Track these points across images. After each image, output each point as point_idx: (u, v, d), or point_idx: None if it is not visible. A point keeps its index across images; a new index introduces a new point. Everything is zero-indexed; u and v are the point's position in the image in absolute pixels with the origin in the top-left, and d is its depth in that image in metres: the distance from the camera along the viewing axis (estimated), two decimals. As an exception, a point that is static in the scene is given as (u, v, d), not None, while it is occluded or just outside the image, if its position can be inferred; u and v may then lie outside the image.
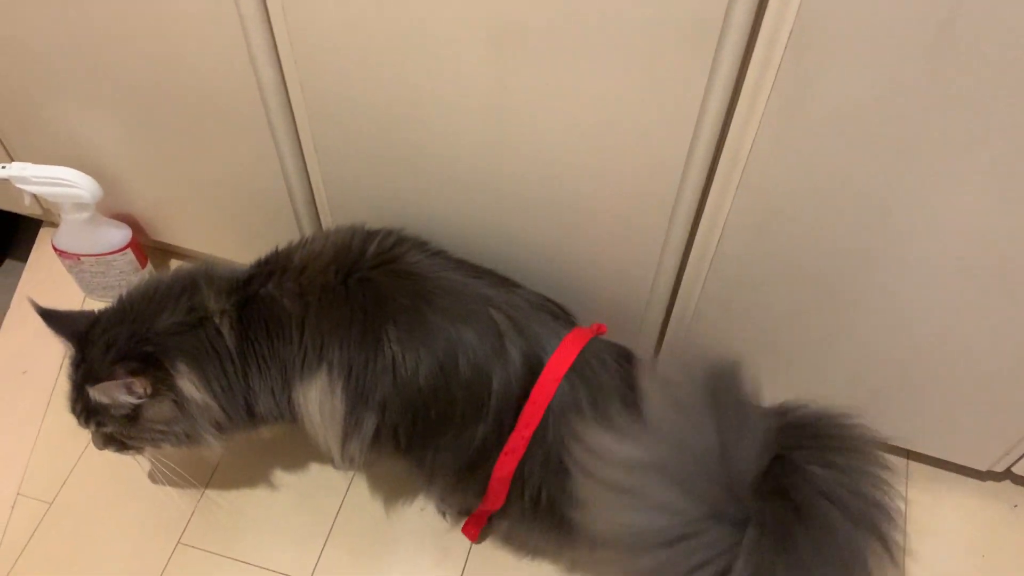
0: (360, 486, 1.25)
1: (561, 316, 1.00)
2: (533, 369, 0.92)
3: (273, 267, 0.98)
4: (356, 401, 0.94)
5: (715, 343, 1.15)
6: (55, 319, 0.98)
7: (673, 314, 1.16)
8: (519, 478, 0.95)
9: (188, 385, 0.94)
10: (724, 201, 0.94)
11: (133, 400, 0.93)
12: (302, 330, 0.93)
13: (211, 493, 1.25)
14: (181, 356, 0.93)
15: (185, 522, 1.22)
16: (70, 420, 1.26)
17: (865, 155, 0.83)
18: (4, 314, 1.43)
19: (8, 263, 1.57)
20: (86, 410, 0.97)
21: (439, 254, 1.01)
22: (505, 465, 0.94)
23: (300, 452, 1.26)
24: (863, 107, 0.79)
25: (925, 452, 1.21)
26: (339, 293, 0.93)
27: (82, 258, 1.33)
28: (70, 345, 0.97)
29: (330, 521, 1.22)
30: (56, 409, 1.32)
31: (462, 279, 0.96)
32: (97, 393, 0.92)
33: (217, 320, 0.95)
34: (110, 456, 1.23)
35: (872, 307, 1.00)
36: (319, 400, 0.96)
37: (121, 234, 1.32)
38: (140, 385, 0.92)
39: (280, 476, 1.26)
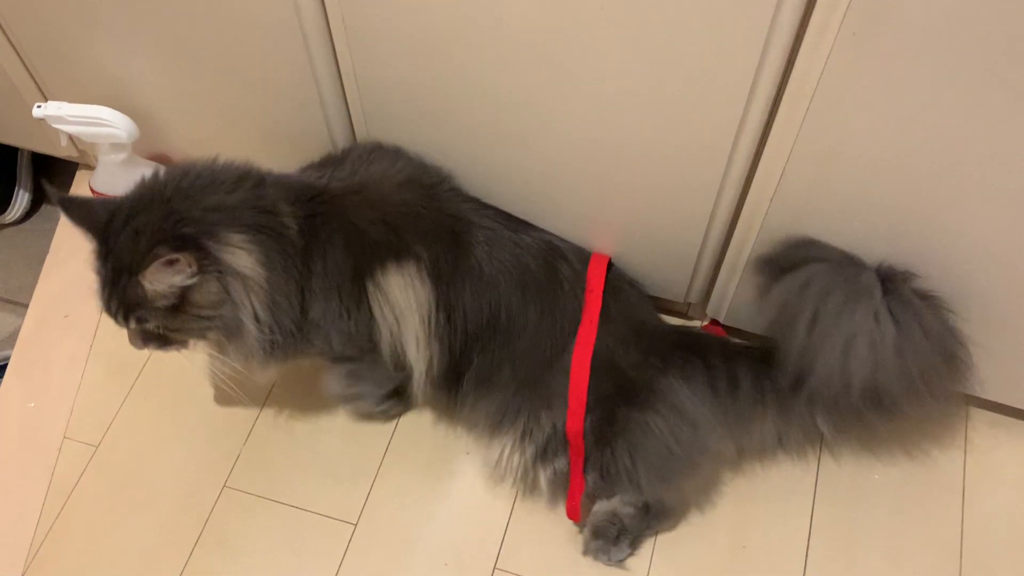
0: (406, 429, 1.24)
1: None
2: (580, 274, 1.09)
3: (338, 184, 1.01)
4: (440, 291, 1.01)
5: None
6: (73, 207, 0.91)
7: (725, 260, 1.12)
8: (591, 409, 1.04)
9: (239, 258, 0.89)
10: (788, 136, 0.89)
11: (179, 283, 0.87)
12: (384, 231, 0.98)
13: (256, 436, 1.23)
14: (235, 229, 0.90)
15: (231, 465, 1.21)
16: (114, 363, 1.29)
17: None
18: (44, 259, 1.42)
19: (45, 208, 1.56)
20: (124, 305, 0.90)
21: (472, 200, 1.10)
22: (581, 362, 1.04)
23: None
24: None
25: (986, 397, 1.17)
26: (421, 210, 1.02)
27: (118, 200, 1.30)
28: (91, 237, 0.91)
29: (377, 464, 1.21)
30: (99, 352, 1.31)
31: (501, 219, 1.09)
32: (148, 281, 0.86)
33: (285, 217, 0.94)
34: (154, 399, 1.25)
35: (955, 248, 0.95)
36: (403, 286, 0.99)
37: (157, 175, 1.29)
38: (186, 263, 0.86)
39: (325, 419, 1.25)
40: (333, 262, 0.96)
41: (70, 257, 1.40)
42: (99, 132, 1.17)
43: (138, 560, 1.15)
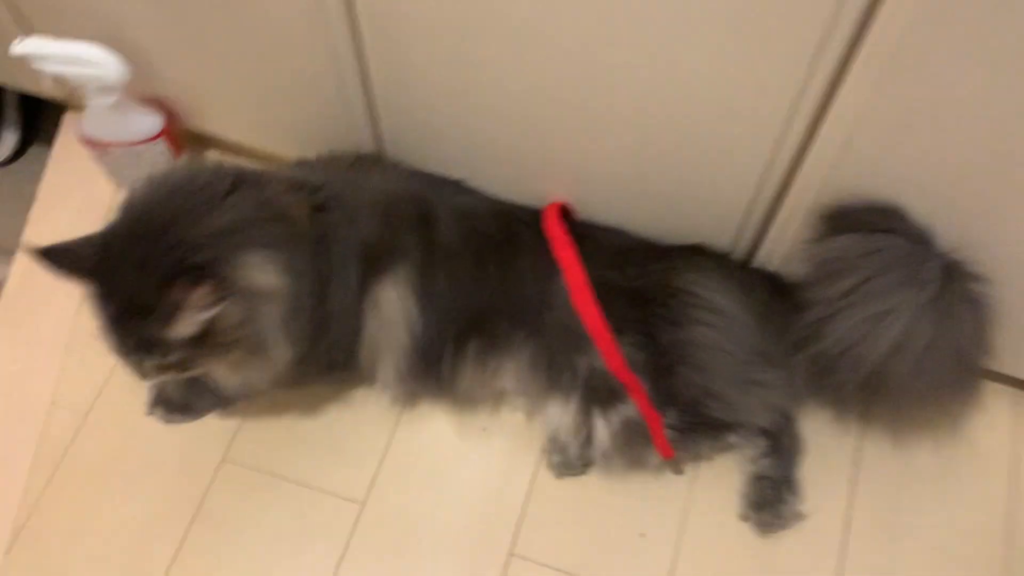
0: (419, 404, 1.15)
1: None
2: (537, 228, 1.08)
3: (334, 178, 1.01)
4: (420, 290, 1.01)
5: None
6: (55, 256, 0.85)
7: (776, 220, 1.03)
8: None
9: (258, 278, 0.86)
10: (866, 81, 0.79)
11: (203, 317, 0.83)
12: (380, 230, 1.00)
13: (257, 408, 1.15)
14: (249, 250, 0.86)
15: (230, 438, 1.13)
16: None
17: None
18: (29, 208, 1.32)
19: (34, 149, 1.45)
20: (141, 345, 0.85)
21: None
22: (585, 304, 1.01)
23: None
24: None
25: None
26: (421, 226, 1.03)
27: (110, 148, 1.20)
28: (83, 280, 0.85)
29: (386, 440, 1.13)
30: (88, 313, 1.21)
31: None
32: (174, 323, 0.82)
33: (292, 209, 0.92)
34: None
35: None
36: (395, 299, 1.00)
37: (152, 121, 1.19)
38: (207, 293, 0.82)
39: (329, 392, 1.16)
40: (347, 256, 0.96)
41: (60, 203, 1.30)
42: (85, 73, 1.06)
43: (130, 536, 1.08)
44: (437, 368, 1.06)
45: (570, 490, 1.10)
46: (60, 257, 0.85)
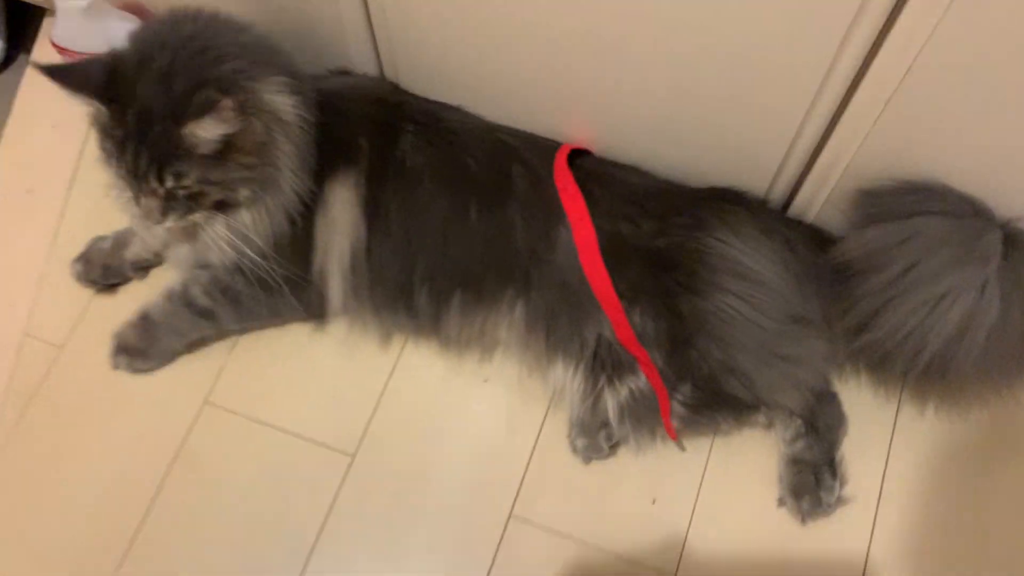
0: (416, 349, 1.07)
1: None
2: (539, 174, 0.97)
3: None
4: (371, 196, 0.96)
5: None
6: (64, 77, 0.81)
7: (819, 163, 0.92)
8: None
9: (281, 102, 0.85)
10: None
11: (229, 128, 0.80)
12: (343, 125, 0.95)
13: (243, 348, 1.07)
14: (273, 72, 0.86)
15: (214, 379, 1.05)
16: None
17: None
18: (5, 121, 1.22)
19: (23, 58, 1.34)
20: (159, 159, 0.81)
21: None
22: (593, 265, 0.92)
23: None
24: None
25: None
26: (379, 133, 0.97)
27: (84, 56, 1.09)
28: (94, 99, 0.81)
29: (380, 387, 1.05)
30: (68, 236, 1.12)
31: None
32: (199, 129, 0.79)
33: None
34: (129, 295, 1.09)
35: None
36: (343, 201, 0.95)
37: (128, 28, 1.07)
38: (238, 105, 0.79)
39: (318, 334, 1.07)
40: (307, 140, 0.91)
41: (35, 122, 1.20)
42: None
43: (106, 477, 1.01)
44: (409, 301, 0.98)
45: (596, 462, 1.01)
46: (68, 76, 0.81)
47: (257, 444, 1.02)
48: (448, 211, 0.96)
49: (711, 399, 0.93)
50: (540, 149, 0.99)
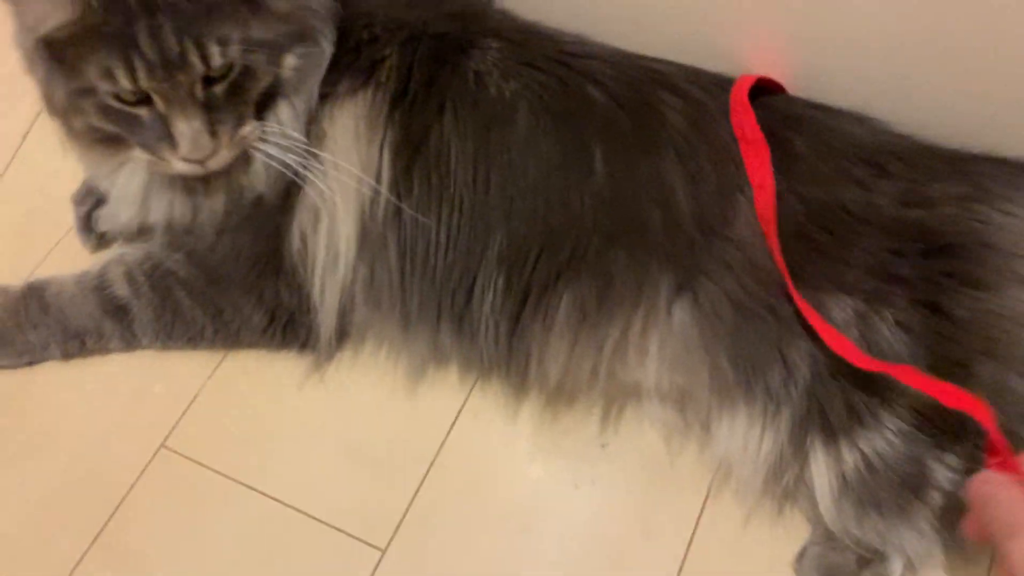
0: (477, 396, 0.71)
1: None
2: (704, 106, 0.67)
3: None
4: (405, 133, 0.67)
5: None
6: None
7: None
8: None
9: None
10: None
11: None
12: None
13: (206, 394, 0.73)
14: None
15: (174, 422, 0.71)
16: (31, 230, 0.82)
17: None
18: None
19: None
20: (190, 27, 0.57)
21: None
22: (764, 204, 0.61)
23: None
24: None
25: None
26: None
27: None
28: None
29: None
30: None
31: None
32: None
33: None
34: None
35: None
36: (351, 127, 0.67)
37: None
38: None
39: (295, 395, 0.73)
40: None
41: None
42: None
43: (34, 523, 0.69)
44: (465, 308, 0.66)
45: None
46: None
47: (217, 497, 0.68)
48: (556, 158, 0.64)
49: None
50: (703, 79, 0.68)
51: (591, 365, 0.65)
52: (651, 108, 0.65)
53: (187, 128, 0.59)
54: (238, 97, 0.62)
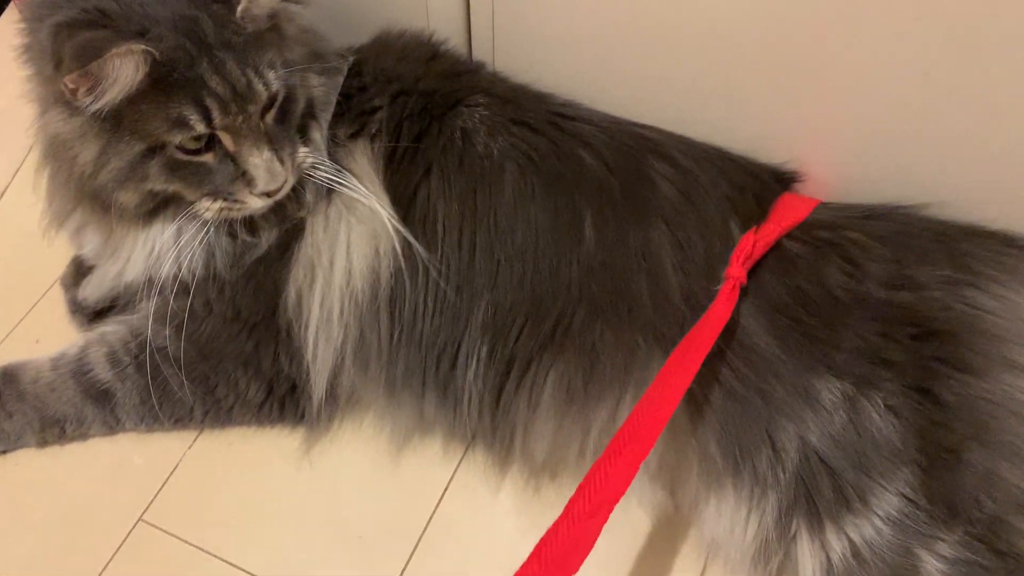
0: (464, 470, 0.69)
1: None
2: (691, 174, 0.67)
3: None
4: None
5: None
6: (98, 43, 0.54)
7: None
8: None
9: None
10: None
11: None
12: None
13: (186, 468, 0.70)
14: None
15: (152, 495, 0.69)
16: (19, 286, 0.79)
17: None
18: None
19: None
20: (247, 57, 0.58)
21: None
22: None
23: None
24: None
25: None
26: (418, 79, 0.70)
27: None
28: (134, 45, 0.54)
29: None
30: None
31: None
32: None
33: None
34: None
35: None
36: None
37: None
38: None
39: (277, 467, 0.70)
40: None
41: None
42: None
43: None
44: (448, 373, 0.64)
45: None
46: (102, 41, 0.53)
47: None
48: (545, 223, 0.63)
49: (990, 561, 0.53)
50: (695, 149, 0.67)
51: (578, 447, 0.63)
52: (642, 175, 0.64)
53: (260, 160, 0.59)
54: (287, 122, 0.62)
